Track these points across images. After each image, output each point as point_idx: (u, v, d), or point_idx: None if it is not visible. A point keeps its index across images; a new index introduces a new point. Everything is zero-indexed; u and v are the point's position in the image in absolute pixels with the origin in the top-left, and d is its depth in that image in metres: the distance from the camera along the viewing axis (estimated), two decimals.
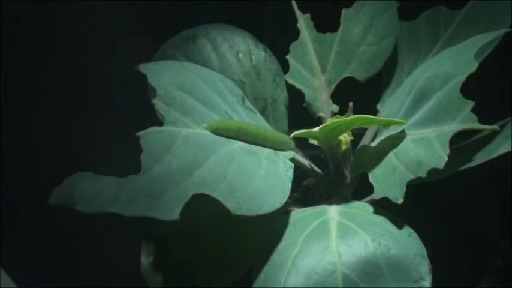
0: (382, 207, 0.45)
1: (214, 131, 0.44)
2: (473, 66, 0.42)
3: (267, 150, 0.46)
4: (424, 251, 0.41)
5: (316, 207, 0.48)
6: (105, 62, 0.68)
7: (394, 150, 0.45)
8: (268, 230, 0.45)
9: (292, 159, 0.47)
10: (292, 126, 0.55)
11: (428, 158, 0.42)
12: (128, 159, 0.39)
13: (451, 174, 0.43)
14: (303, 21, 0.59)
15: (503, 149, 0.42)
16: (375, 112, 0.58)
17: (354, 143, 0.53)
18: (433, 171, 0.41)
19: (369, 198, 0.50)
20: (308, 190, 0.58)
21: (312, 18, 0.59)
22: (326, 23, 0.59)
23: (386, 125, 0.47)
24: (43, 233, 0.64)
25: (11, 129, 0.65)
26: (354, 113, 0.50)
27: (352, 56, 0.58)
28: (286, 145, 0.48)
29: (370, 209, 0.46)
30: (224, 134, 0.44)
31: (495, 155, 0.42)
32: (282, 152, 0.47)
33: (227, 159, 0.42)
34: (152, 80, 0.44)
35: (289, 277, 0.40)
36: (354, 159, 0.51)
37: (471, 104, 0.41)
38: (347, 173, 0.53)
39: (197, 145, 0.42)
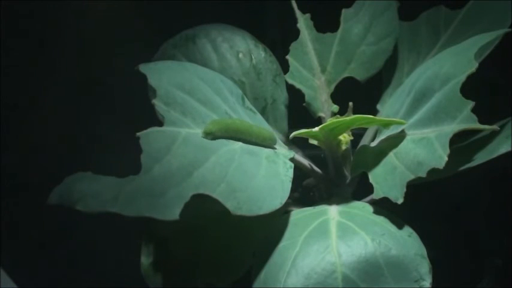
0: (382, 207, 0.45)
1: (212, 135, 0.44)
2: (473, 66, 0.42)
3: (267, 151, 0.46)
4: (424, 251, 0.41)
5: (316, 207, 0.48)
6: (105, 62, 0.68)
7: (394, 150, 0.45)
8: (268, 230, 0.45)
9: (292, 159, 0.47)
10: (292, 126, 0.55)
11: (428, 158, 0.42)
12: (128, 159, 0.39)
13: (451, 174, 0.43)
14: (303, 21, 0.59)
15: (503, 149, 0.42)
16: (375, 112, 0.58)
17: (354, 143, 0.53)
18: (433, 171, 0.41)
19: (369, 198, 0.50)
20: (308, 190, 0.58)
21: (312, 18, 0.59)
22: (326, 23, 0.59)
23: (386, 125, 0.47)
24: (43, 233, 0.64)
25: (11, 129, 0.65)
26: (354, 113, 0.50)
27: (352, 56, 0.58)
28: (272, 141, 0.48)
29: (370, 209, 0.46)
30: (219, 136, 0.44)
31: (495, 155, 0.42)
32: (282, 152, 0.47)
33: (227, 159, 0.42)
34: (152, 80, 0.44)
35: (289, 277, 0.40)
36: (354, 159, 0.51)
37: (471, 104, 0.41)
38: (347, 173, 0.53)
39: (197, 145, 0.42)
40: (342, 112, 0.54)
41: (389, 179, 0.44)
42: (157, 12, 0.69)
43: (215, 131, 0.43)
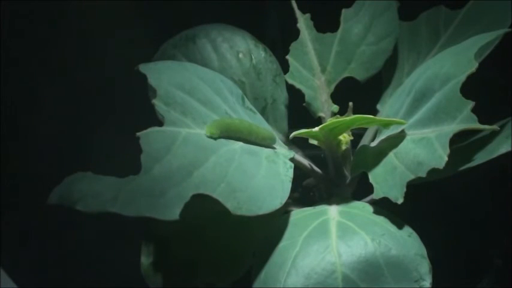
0: (382, 207, 0.45)
1: (216, 134, 0.44)
2: (473, 66, 0.42)
3: (267, 150, 0.46)
4: (424, 251, 0.41)
5: (316, 207, 0.48)
6: (105, 62, 0.68)
7: (394, 150, 0.45)
8: (269, 230, 0.45)
9: (292, 159, 0.47)
10: (292, 126, 0.55)
11: (428, 158, 0.42)
12: (128, 159, 0.39)
13: (451, 174, 0.43)
14: (303, 21, 0.59)
15: (503, 149, 0.42)
16: (375, 112, 0.58)
17: (354, 143, 0.53)
18: (433, 171, 0.41)
19: (369, 198, 0.50)
20: (308, 190, 0.58)
21: (312, 18, 0.59)
22: (326, 23, 0.59)
23: (386, 125, 0.47)
24: (43, 233, 0.64)
25: (11, 129, 0.65)
26: (354, 113, 0.50)
27: (352, 56, 0.58)
28: (271, 140, 0.48)
29: (370, 209, 0.46)
30: (223, 136, 0.44)
31: (495, 155, 0.42)
32: (282, 152, 0.47)
33: (227, 159, 0.42)
34: (152, 80, 0.44)
35: (289, 277, 0.40)
36: (354, 159, 0.51)
37: (471, 104, 0.41)
38: (347, 173, 0.53)
39: (197, 145, 0.42)
40: (342, 112, 0.54)
41: (389, 179, 0.44)
42: (157, 12, 0.69)
43: (216, 131, 0.43)
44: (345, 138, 0.51)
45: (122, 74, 0.57)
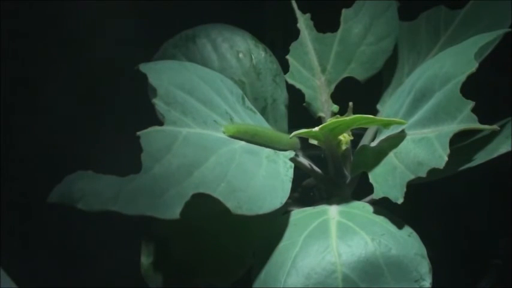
0: (382, 207, 0.45)
1: (232, 135, 0.44)
2: (473, 66, 0.42)
3: (267, 150, 0.46)
4: (424, 251, 0.41)
5: (316, 207, 0.48)
6: (105, 62, 0.68)
7: (394, 150, 0.45)
8: (269, 229, 0.45)
9: (292, 159, 0.47)
10: (292, 126, 0.55)
11: (428, 158, 0.42)
12: (128, 159, 0.39)
13: (451, 174, 0.43)
14: (303, 21, 0.59)
15: (503, 149, 0.42)
16: (375, 112, 0.58)
17: (354, 143, 0.53)
18: (433, 171, 0.41)
19: (369, 198, 0.50)
20: (308, 190, 0.58)
21: (312, 18, 0.59)
22: (326, 23, 0.59)
23: (386, 125, 0.47)
24: (43, 233, 0.64)
25: (11, 128, 0.65)
26: (354, 113, 0.50)
27: (352, 56, 0.58)
28: (293, 146, 0.48)
29: (370, 209, 0.46)
30: (241, 138, 0.45)
31: (495, 155, 0.42)
32: (282, 152, 0.47)
33: (227, 159, 0.42)
34: (152, 80, 0.44)
35: (289, 277, 0.40)
36: (354, 159, 0.51)
37: (471, 104, 0.41)
38: (347, 173, 0.53)
39: (197, 145, 0.42)
40: (342, 112, 0.54)
41: (389, 179, 0.44)
42: (157, 12, 0.69)
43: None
44: (345, 138, 0.51)
45: (122, 74, 0.57)
